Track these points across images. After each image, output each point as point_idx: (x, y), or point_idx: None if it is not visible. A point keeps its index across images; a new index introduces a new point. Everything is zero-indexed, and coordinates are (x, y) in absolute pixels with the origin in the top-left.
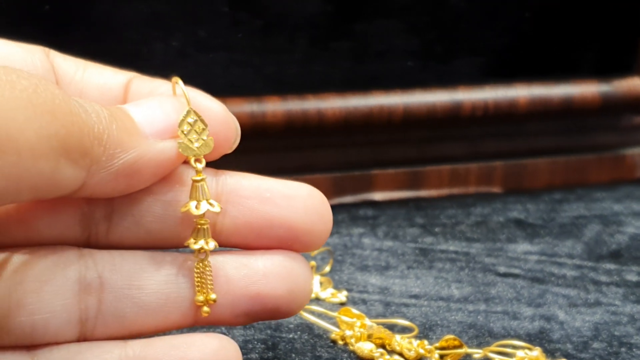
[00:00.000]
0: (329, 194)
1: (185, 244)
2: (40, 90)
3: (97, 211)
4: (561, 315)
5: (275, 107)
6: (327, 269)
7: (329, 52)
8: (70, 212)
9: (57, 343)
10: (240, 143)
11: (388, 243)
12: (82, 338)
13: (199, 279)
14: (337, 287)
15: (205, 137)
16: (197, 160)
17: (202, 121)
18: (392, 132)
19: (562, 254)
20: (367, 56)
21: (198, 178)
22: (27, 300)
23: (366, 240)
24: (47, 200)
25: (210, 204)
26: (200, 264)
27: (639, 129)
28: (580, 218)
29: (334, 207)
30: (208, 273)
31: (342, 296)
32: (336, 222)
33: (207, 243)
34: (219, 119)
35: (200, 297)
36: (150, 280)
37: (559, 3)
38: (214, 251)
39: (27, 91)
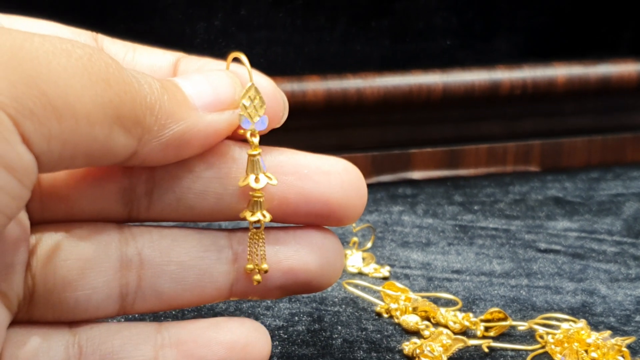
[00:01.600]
0: (367, 173)
1: (241, 216)
2: (94, 59)
3: (138, 187)
4: (603, 289)
5: (315, 86)
6: (369, 245)
7: (369, 30)
8: (112, 188)
9: (98, 317)
10: None
11: (428, 220)
12: (122, 312)
13: (251, 249)
14: (379, 262)
15: (262, 114)
16: (253, 134)
17: (261, 98)
18: (430, 111)
19: (601, 231)
20: (407, 35)
21: (255, 152)
22: (71, 278)
23: (406, 218)
24: (89, 177)
25: (268, 177)
26: (255, 236)
27: None
28: (618, 196)
29: (372, 186)
30: (261, 244)
31: (385, 271)
32: (375, 200)
33: (263, 216)
34: (269, 94)
35: (250, 266)
36: (187, 256)
37: None
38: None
39: (83, 60)
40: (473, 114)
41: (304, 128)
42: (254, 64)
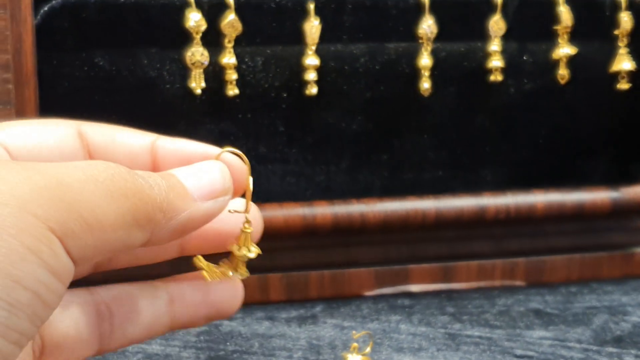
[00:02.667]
0: (370, 285)
1: (230, 274)
2: (115, 179)
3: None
4: None
5: (324, 210)
6: (368, 350)
7: (371, 163)
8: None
9: (84, 358)
10: (294, 241)
11: (422, 329)
12: (100, 352)
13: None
14: None
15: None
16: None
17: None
18: (425, 232)
19: (572, 339)
20: (403, 167)
21: (249, 230)
22: (67, 332)
23: (402, 326)
24: None
25: (250, 250)
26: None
27: None
28: (591, 308)
29: (375, 297)
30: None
31: None
32: (377, 310)
33: (247, 272)
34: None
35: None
36: (141, 306)
37: (570, 120)
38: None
39: (106, 182)
40: (463, 235)
41: (314, 247)
42: (272, 192)
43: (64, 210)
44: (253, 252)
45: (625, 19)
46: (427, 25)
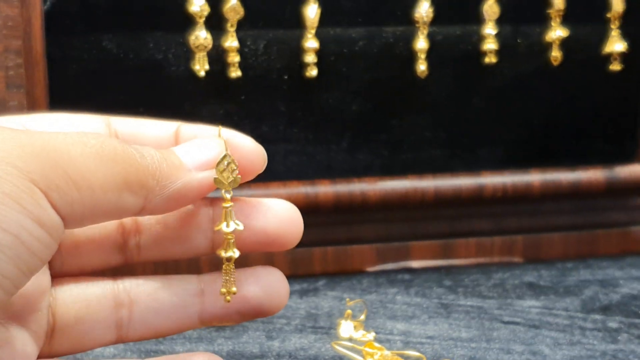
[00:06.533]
0: (372, 262)
1: (217, 253)
2: (104, 146)
3: (129, 241)
4: (546, 350)
5: (326, 189)
6: (362, 317)
7: (370, 143)
8: (111, 244)
9: (101, 345)
10: None
11: (417, 299)
12: (120, 340)
13: (226, 278)
14: (367, 330)
15: (235, 175)
16: (227, 191)
17: (234, 162)
18: (425, 210)
19: (559, 308)
20: (403, 146)
21: (227, 205)
22: (80, 315)
23: (399, 297)
24: (95, 239)
25: (236, 224)
26: (228, 267)
27: None
28: (584, 281)
29: (376, 273)
30: (232, 272)
31: (371, 336)
32: (377, 284)
33: (234, 252)
34: (250, 149)
35: (223, 290)
36: (164, 294)
37: (565, 101)
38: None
39: (95, 147)
40: (462, 213)
41: (317, 224)
42: (275, 171)
43: (48, 165)
44: (234, 227)
45: (617, 2)
46: (424, 10)
